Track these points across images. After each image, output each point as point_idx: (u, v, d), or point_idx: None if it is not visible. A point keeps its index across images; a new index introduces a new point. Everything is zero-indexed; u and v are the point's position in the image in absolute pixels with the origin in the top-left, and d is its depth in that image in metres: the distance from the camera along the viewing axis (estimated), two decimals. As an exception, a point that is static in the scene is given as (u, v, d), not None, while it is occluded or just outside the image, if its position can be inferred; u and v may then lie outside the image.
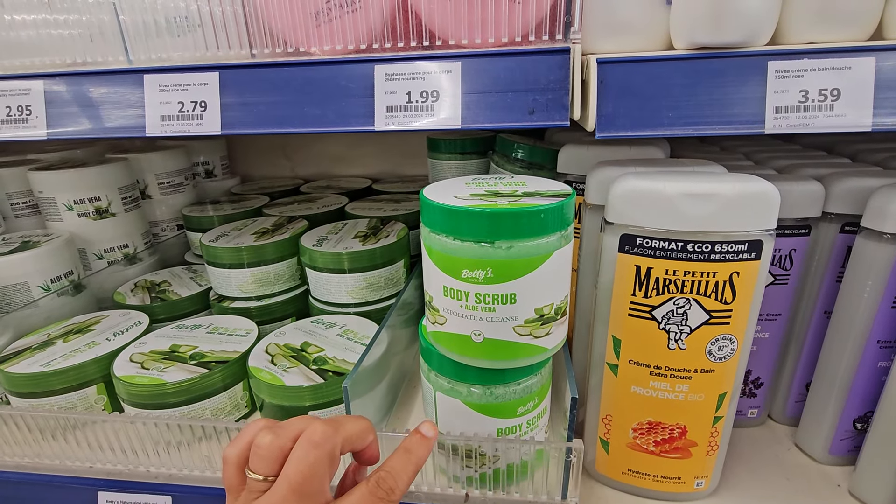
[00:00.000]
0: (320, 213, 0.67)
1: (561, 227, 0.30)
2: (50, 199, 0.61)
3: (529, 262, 0.29)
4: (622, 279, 0.38)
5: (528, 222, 0.29)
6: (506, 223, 0.28)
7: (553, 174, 0.59)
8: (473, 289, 0.29)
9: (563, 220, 0.31)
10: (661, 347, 0.38)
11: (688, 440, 0.41)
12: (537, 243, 0.29)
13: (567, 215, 0.31)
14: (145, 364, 0.45)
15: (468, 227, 0.29)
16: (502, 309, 0.29)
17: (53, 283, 0.57)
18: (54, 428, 0.43)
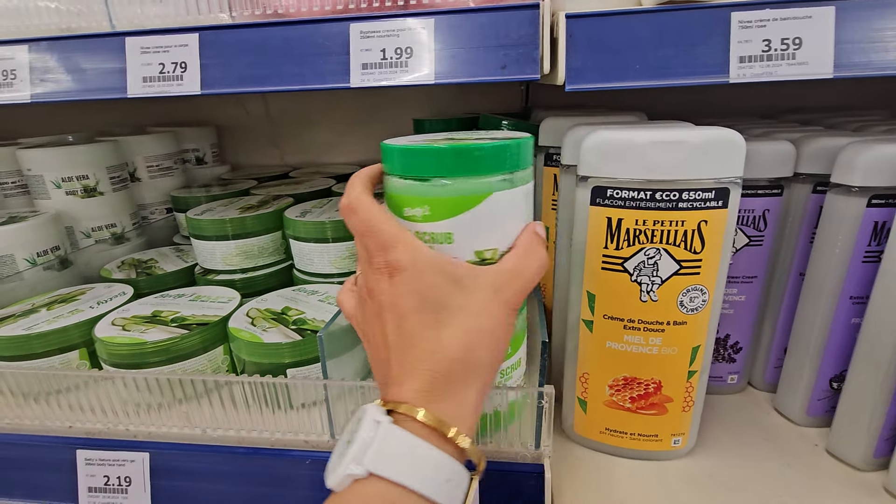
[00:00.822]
0: (307, 193, 0.68)
1: (502, 168, 0.29)
2: (38, 177, 0.62)
3: (465, 200, 0.29)
4: (594, 232, 0.39)
5: (465, 160, 0.28)
6: (442, 160, 0.28)
7: (536, 149, 0.60)
8: (413, 227, 0.30)
9: (504, 162, 0.29)
10: (634, 300, 0.39)
11: (663, 395, 0.41)
12: (475, 182, 0.29)
13: (510, 157, 0.29)
14: (126, 327, 0.45)
15: (407, 163, 0.29)
16: (440, 248, 0.29)
17: (39, 257, 0.57)
18: (37, 392, 0.43)
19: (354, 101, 0.88)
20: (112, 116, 0.92)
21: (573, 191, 0.44)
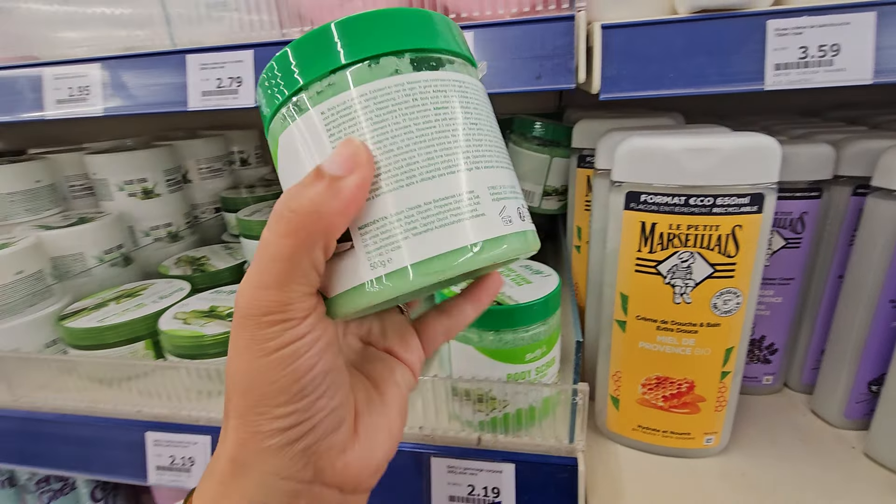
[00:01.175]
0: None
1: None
2: (103, 181, 0.67)
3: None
4: (628, 236, 0.40)
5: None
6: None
7: (569, 150, 0.61)
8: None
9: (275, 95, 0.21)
10: (667, 302, 0.40)
11: (695, 395, 0.42)
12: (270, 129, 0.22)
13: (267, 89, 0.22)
14: (187, 320, 0.49)
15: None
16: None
17: (106, 255, 0.62)
18: (111, 378, 0.48)
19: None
20: (161, 121, 0.98)
21: (606, 194, 0.45)
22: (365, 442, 0.23)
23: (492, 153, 0.20)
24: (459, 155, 0.19)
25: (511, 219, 0.20)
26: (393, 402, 0.25)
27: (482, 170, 0.19)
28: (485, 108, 0.22)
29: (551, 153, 0.62)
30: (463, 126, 0.20)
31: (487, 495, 0.39)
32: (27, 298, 0.51)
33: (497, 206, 0.19)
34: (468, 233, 0.18)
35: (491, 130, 0.21)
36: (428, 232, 0.18)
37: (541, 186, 0.64)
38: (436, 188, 0.18)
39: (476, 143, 0.20)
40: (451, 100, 0.20)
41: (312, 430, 0.20)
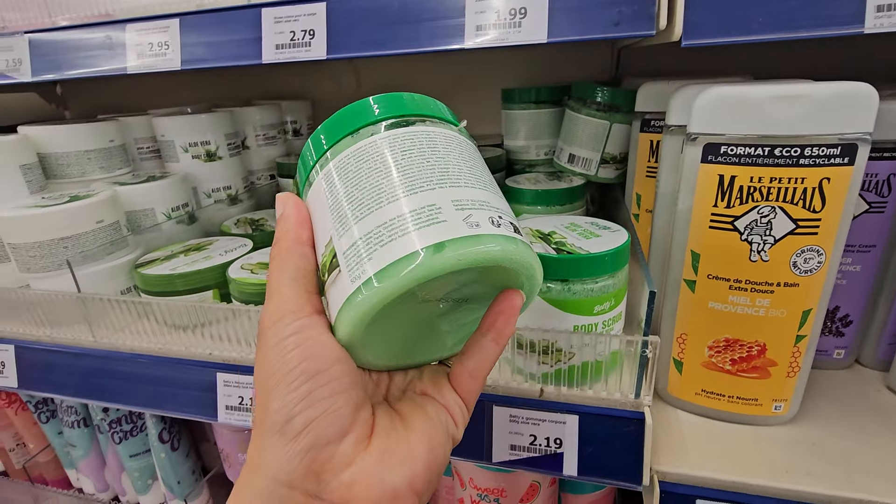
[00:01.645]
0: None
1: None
2: (170, 142, 0.70)
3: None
4: (704, 191, 0.39)
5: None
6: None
7: (630, 116, 0.60)
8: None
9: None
10: (743, 260, 0.39)
11: (767, 359, 0.41)
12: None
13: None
14: (254, 270, 0.51)
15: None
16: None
17: (173, 212, 0.65)
18: (185, 324, 0.50)
19: (442, 72, 0.91)
20: (217, 90, 1.01)
21: (678, 152, 0.44)
22: (377, 462, 0.22)
23: (461, 177, 0.24)
24: (418, 181, 0.23)
25: (479, 223, 0.22)
26: (416, 427, 0.24)
27: (446, 188, 0.23)
28: (457, 148, 0.25)
29: (611, 119, 0.60)
30: (426, 160, 0.24)
31: (549, 445, 0.39)
32: (106, 247, 0.54)
33: (461, 214, 0.22)
34: (415, 240, 0.21)
35: (463, 162, 0.25)
36: (382, 247, 0.21)
37: (598, 154, 0.62)
38: (384, 213, 0.22)
39: (441, 169, 0.23)
40: (417, 144, 0.24)
41: (310, 426, 0.21)
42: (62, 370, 0.53)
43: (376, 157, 0.24)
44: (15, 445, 0.75)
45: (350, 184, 0.24)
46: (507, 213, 0.24)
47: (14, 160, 0.57)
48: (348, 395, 0.22)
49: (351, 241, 0.22)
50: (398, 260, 0.21)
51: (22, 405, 0.71)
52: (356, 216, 0.23)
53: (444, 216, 0.22)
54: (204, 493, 0.67)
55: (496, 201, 0.24)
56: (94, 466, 0.69)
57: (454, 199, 0.22)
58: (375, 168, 0.23)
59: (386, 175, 0.23)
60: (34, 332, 0.55)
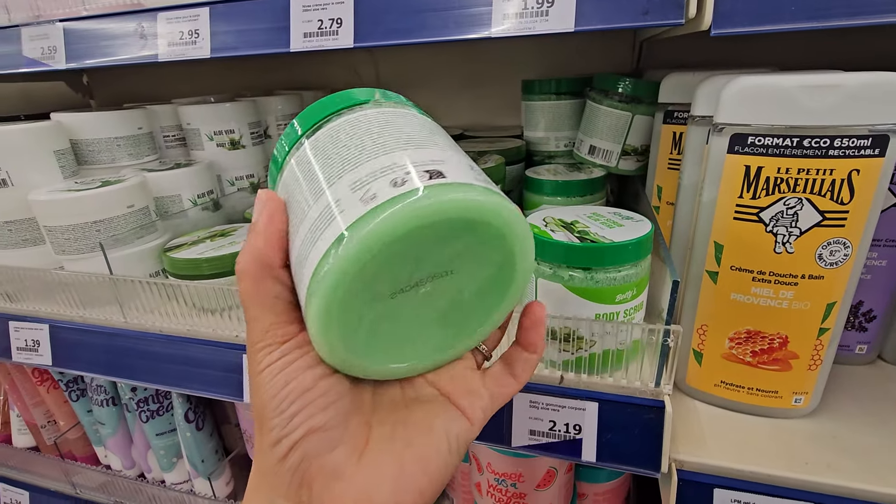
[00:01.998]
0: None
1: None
2: (195, 130, 0.71)
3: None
4: (729, 182, 0.38)
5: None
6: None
7: (652, 108, 0.59)
8: None
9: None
10: (767, 251, 0.39)
11: (788, 351, 0.41)
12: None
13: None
14: (279, 256, 0.52)
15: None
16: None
17: (199, 199, 0.67)
18: (213, 307, 0.52)
19: (462, 64, 0.91)
20: (238, 81, 1.02)
21: (702, 144, 0.44)
22: (367, 478, 0.22)
23: (421, 140, 0.23)
24: (373, 151, 0.22)
25: (445, 175, 0.20)
26: (415, 444, 0.23)
27: (408, 150, 0.22)
28: (411, 120, 0.25)
29: (633, 110, 0.60)
30: (379, 133, 0.23)
31: (568, 431, 0.40)
32: (136, 231, 0.56)
33: (424, 167, 0.21)
34: (380, 194, 0.20)
35: (422, 129, 0.24)
36: (342, 213, 0.20)
37: (619, 146, 0.62)
38: (341, 185, 0.21)
39: (395, 137, 0.23)
40: (364, 123, 0.24)
41: (298, 444, 0.21)
42: (94, 349, 0.55)
43: (321, 149, 0.23)
44: (46, 422, 0.78)
45: (306, 172, 0.23)
46: (480, 170, 0.23)
47: (48, 145, 0.59)
48: (336, 408, 0.22)
49: (310, 223, 0.21)
50: (360, 219, 0.19)
51: (53, 383, 0.74)
52: (314, 196, 0.21)
53: (409, 174, 0.20)
54: (226, 473, 0.69)
55: (464, 158, 0.23)
56: (122, 444, 0.72)
57: (415, 159, 0.21)
58: (324, 157, 0.23)
59: (336, 156, 0.22)
60: (68, 312, 0.57)
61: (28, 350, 0.59)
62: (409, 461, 0.23)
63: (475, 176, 0.22)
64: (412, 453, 0.23)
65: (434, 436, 0.24)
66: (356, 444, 0.23)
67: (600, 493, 0.57)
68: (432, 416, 0.24)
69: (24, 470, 0.79)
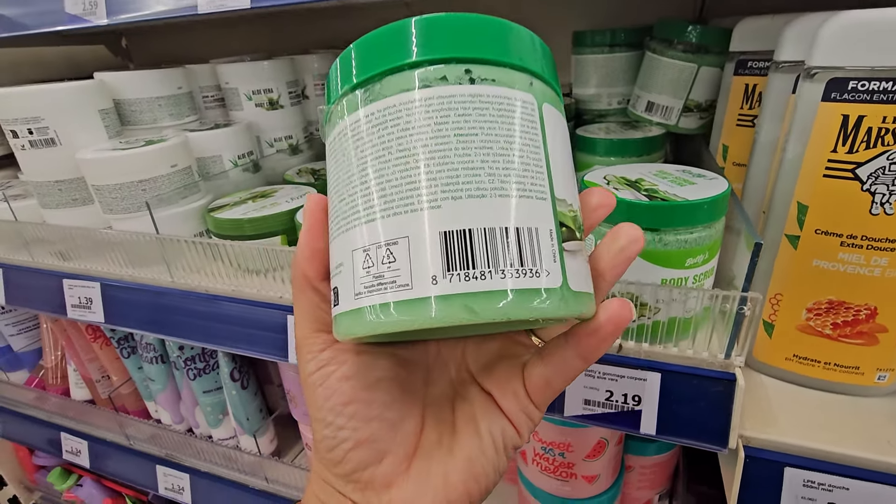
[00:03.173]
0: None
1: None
2: (234, 90, 0.70)
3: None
4: (821, 134, 0.34)
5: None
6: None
7: (721, 58, 0.54)
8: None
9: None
10: (861, 213, 0.34)
11: (876, 324, 0.37)
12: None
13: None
14: (322, 216, 0.50)
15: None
16: None
17: (240, 160, 0.66)
18: (257, 268, 0.51)
19: (507, 15, 0.86)
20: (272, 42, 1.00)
21: (786, 93, 0.39)
22: (414, 488, 0.22)
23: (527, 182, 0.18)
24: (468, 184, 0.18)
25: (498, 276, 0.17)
26: (460, 452, 0.22)
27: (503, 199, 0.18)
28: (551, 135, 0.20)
29: (699, 61, 0.55)
30: (488, 150, 0.18)
31: (627, 402, 0.38)
32: (180, 191, 0.55)
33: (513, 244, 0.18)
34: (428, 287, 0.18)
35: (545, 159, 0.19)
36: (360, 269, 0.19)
37: (681, 101, 0.57)
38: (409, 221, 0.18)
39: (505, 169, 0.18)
40: (482, 119, 0.18)
41: (347, 457, 0.22)
42: (143, 307, 0.56)
43: (410, 130, 0.18)
44: (101, 377, 0.81)
45: (365, 160, 0.18)
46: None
47: (93, 104, 0.59)
48: (381, 419, 0.22)
49: (361, 243, 0.18)
50: (417, 301, 0.17)
51: (106, 340, 0.77)
52: (366, 206, 0.18)
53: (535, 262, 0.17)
54: (270, 431, 0.71)
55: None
56: (171, 400, 0.74)
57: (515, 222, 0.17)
58: (401, 150, 0.18)
59: (413, 166, 0.17)
60: (117, 271, 0.58)
61: (81, 307, 0.60)
62: (454, 471, 0.22)
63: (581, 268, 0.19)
64: (457, 462, 0.22)
65: (480, 440, 0.23)
66: (406, 451, 0.22)
67: (647, 465, 0.56)
68: (478, 419, 0.23)
69: (82, 421, 0.83)
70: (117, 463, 0.81)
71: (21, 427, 0.91)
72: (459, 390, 0.25)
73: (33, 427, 0.89)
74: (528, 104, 0.19)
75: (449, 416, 0.24)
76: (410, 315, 0.17)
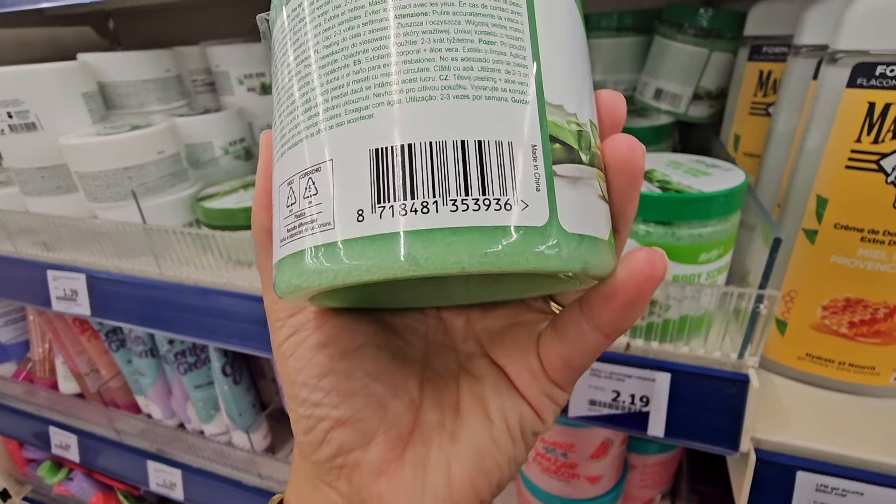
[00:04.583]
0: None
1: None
2: (224, 73, 0.67)
3: None
4: (845, 123, 0.32)
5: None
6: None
7: (734, 43, 0.52)
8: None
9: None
10: (885, 207, 0.33)
11: (894, 323, 0.36)
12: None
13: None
14: (316, 207, 0.48)
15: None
16: None
17: (231, 146, 0.63)
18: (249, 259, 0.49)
19: None
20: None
21: (806, 80, 0.37)
22: (409, 479, 0.18)
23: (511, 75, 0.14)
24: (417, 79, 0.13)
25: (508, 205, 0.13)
26: (466, 439, 0.18)
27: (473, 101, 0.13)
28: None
29: (711, 46, 0.53)
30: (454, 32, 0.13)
31: (634, 403, 0.36)
32: (167, 179, 0.53)
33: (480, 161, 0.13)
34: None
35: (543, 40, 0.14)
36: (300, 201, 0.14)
37: (691, 88, 0.55)
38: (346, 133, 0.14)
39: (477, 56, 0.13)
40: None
41: (329, 437, 0.18)
42: (131, 300, 0.54)
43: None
44: (89, 370, 0.79)
45: (290, 65, 0.15)
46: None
47: (76, 87, 0.56)
48: (364, 393, 0.18)
49: (286, 175, 0.14)
50: (378, 237, 0.12)
51: (94, 333, 0.74)
52: (293, 135, 0.14)
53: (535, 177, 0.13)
54: (263, 427, 0.69)
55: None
56: (161, 394, 0.72)
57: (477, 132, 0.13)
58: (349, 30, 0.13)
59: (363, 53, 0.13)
60: (103, 262, 0.55)
61: (67, 300, 0.58)
62: (458, 462, 0.18)
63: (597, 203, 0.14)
64: (462, 452, 0.18)
65: (490, 425, 0.19)
66: (399, 433, 0.18)
67: (650, 464, 0.54)
68: (486, 398, 0.19)
69: (71, 415, 0.81)
70: (107, 458, 0.79)
71: (8, 420, 0.89)
72: (466, 365, 0.20)
73: (21, 420, 0.88)
74: None
75: (454, 394, 0.20)
76: (332, 265, 0.12)
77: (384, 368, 0.19)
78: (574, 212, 0.13)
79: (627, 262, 0.15)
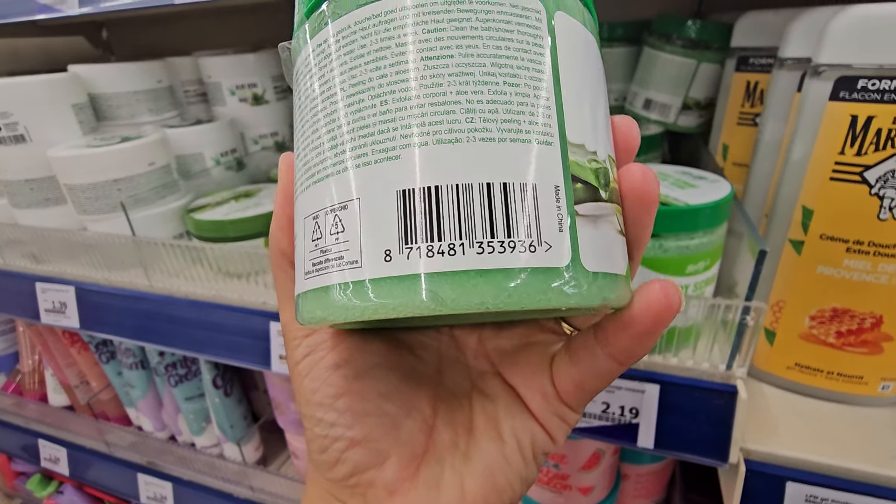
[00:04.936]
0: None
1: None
2: (216, 84, 0.67)
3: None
4: (828, 135, 0.33)
5: None
6: None
7: (722, 54, 0.52)
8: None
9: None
10: (869, 217, 0.33)
11: (881, 333, 0.36)
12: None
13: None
14: (306, 218, 0.48)
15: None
16: None
17: (222, 157, 0.63)
18: (240, 272, 0.49)
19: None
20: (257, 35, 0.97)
21: (791, 91, 0.38)
22: (423, 492, 0.18)
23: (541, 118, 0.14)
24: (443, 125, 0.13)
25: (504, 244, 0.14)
26: (478, 460, 0.19)
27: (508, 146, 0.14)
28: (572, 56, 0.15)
29: (699, 57, 0.53)
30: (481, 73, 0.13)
31: (624, 415, 0.36)
32: (158, 190, 0.53)
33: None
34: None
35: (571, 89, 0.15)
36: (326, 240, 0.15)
37: (680, 98, 0.56)
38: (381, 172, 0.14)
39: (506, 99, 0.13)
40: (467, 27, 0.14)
41: (342, 458, 0.18)
42: (120, 313, 0.53)
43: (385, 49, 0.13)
44: (79, 382, 0.78)
45: (316, 100, 0.15)
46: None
47: (66, 99, 0.56)
48: (378, 414, 0.19)
49: (311, 209, 0.15)
50: (403, 277, 0.13)
51: (84, 345, 0.74)
52: (318, 169, 0.14)
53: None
54: (255, 439, 0.69)
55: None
56: (152, 407, 0.72)
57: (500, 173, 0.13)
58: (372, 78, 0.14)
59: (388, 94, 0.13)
60: (93, 274, 0.55)
61: (56, 312, 0.58)
62: (471, 484, 0.19)
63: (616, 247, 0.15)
64: (474, 472, 0.19)
65: (502, 447, 0.19)
66: (412, 452, 0.19)
67: (643, 474, 0.54)
68: (499, 419, 0.19)
69: (60, 428, 0.81)
70: (98, 471, 0.78)
71: (-3, 433, 0.88)
72: (478, 383, 0.21)
73: (10, 433, 0.87)
74: (531, 11, 0.14)
75: (466, 414, 0.20)
76: (360, 301, 0.13)
77: (396, 388, 0.19)
78: (594, 249, 0.14)
79: (644, 293, 0.15)
